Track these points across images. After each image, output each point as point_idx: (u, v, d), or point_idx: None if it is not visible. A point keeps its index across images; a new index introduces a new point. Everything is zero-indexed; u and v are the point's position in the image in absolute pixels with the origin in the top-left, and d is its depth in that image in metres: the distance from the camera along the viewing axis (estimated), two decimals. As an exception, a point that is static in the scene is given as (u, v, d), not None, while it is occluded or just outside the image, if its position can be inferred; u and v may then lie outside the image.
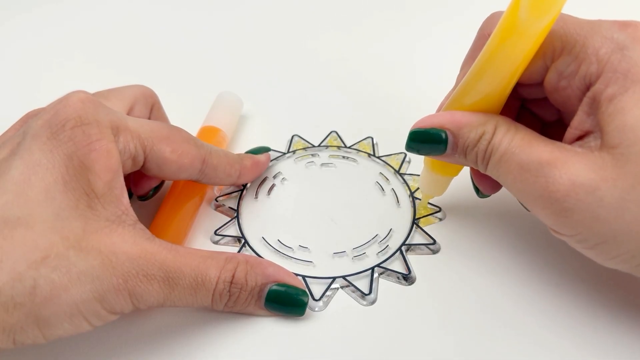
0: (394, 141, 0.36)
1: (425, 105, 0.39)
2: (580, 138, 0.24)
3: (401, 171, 0.35)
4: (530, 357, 0.26)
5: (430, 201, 0.32)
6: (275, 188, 0.34)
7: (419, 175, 0.34)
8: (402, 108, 0.40)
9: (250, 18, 0.50)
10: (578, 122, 0.24)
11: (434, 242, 0.30)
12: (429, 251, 0.30)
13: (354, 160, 0.36)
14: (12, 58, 0.47)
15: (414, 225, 0.31)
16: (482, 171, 0.26)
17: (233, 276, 0.26)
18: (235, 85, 0.40)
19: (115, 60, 0.46)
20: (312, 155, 0.36)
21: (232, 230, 0.32)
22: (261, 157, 0.34)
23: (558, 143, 0.24)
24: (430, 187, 0.31)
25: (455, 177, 0.30)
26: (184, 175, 0.29)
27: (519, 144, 0.24)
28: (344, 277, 0.29)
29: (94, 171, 0.24)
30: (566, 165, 0.23)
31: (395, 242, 0.31)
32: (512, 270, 0.29)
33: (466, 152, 0.26)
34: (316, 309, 0.28)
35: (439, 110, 0.29)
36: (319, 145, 0.37)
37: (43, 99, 0.29)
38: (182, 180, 0.32)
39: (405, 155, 0.35)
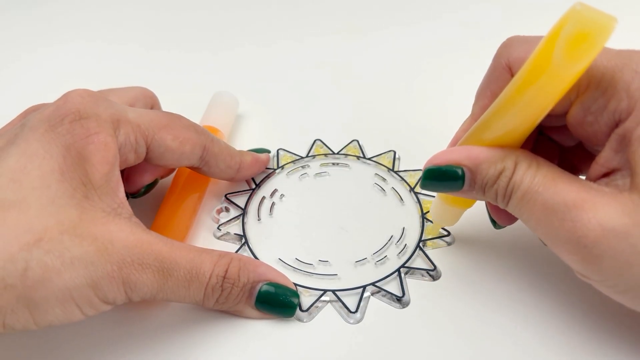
0: (380, 141, 0.37)
1: (407, 102, 0.40)
2: (606, 175, 0.23)
3: (395, 169, 0.35)
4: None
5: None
6: (275, 206, 0.33)
7: (412, 170, 0.35)
8: (385, 108, 0.40)
9: (245, 16, 0.50)
10: (605, 159, 0.23)
11: (449, 233, 0.31)
12: (445, 243, 0.31)
13: (346, 165, 0.35)
14: (9, 57, 0.47)
15: (424, 220, 0.32)
16: (502, 208, 0.25)
17: (226, 271, 0.26)
18: (230, 84, 0.40)
19: (111, 60, 0.46)
20: (303, 167, 0.35)
21: (245, 257, 0.31)
22: (262, 155, 0.34)
23: (583, 181, 0.23)
24: (443, 218, 0.29)
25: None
26: (186, 162, 0.29)
27: (542, 182, 0.23)
28: (373, 284, 0.29)
29: (92, 163, 0.24)
30: (595, 208, 0.21)
31: (411, 240, 0.31)
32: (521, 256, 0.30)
33: (485, 189, 0.25)
34: (352, 321, 0.27)
35: (453, 144, 0.28)
36: (306, 156, 0.36)
37: (38, 98, 0.30)
38: (181, 181, 0.32)
39: (395, 152, 0.36)
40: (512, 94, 0.23)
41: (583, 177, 0.24)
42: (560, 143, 0.28)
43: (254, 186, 0.34)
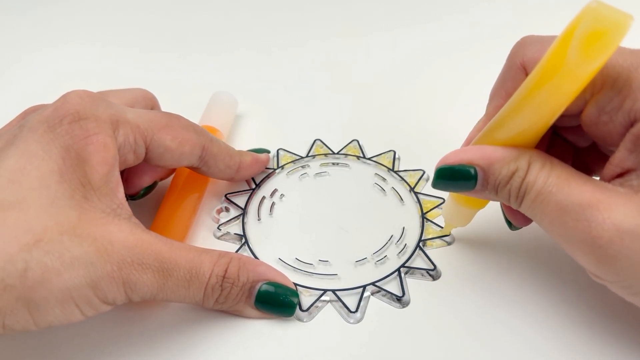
0: (380, 141, 0.37)
1: (407, 102, 0.40)
2: (620, 175, 0.23)
3: (395, 168, 0.35)
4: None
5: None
6: (275, 206, 0.33)
7: (412, 170, 0.35)
8: (385, 108, 0.40)
9: (245, 17, 0.50)
10: (619, 159, 0.23)
11: (449, 233, 0.31)
12: (444, 243, 0.31)
13: (346, 165, 0.35)
14: (9, 58, 0.47)
15: (424, 220, 0.32)
16: (515, 208, 0.25)
17: (226, 271, 0.26)
18: (229, 84, 0.40)
19: (110, 61, 0.46)
20: (303, 167, 0.35)
21: (245, 257, 0.31)
22: (261, 155, 0.34)
23: (597, 181, 0.23)
24: (455, 218, 0.29)
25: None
26: (185, 162, 0.29)
27: (556, 182, 0.23)
28: (373, 283, 0.29)
29: (91, 164, 0.24)
30: (609, 208, 0.21)
31: (411, 240, 0.31)
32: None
33: (497, 189, 0.24)
34: (352, 321, 0.27)
35: (466, 144, 0.28)
36: (306, 156, 0.36)
37: (37, 99, 0.30)
38: (180, 181, 0.32)
39: (395, 152, 0.36)
40: (526, 93, 0.23)
41: (597, 178, 0.24)
42: (574, 144, 0.28)
43: (254, 186, 0.34)
